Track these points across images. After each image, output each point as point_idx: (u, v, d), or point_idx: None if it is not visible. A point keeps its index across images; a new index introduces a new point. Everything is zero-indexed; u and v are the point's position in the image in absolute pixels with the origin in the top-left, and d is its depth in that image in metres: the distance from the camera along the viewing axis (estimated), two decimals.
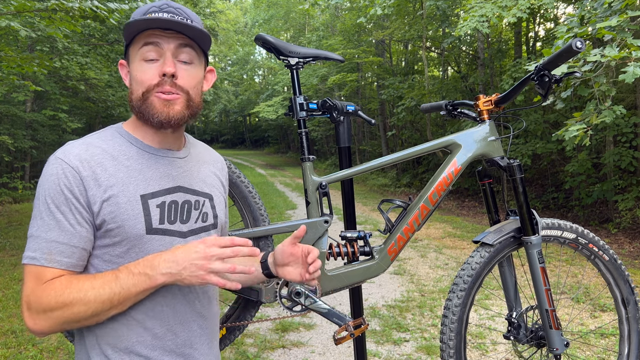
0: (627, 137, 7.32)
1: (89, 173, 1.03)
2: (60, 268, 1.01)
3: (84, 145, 1.06)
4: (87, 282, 1.00)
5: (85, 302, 0.98)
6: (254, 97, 33.90)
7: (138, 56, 1.08)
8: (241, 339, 3.42)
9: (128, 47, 1.11)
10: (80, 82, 10.75)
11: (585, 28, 4.11)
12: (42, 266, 1.00)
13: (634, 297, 1.83)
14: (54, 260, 1.00)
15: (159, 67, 1.06)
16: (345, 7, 17.26)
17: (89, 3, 4.80)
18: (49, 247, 1.00)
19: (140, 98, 1.07)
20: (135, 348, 1.07)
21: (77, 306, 0.97)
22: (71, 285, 0.99)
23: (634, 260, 5.82)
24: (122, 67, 1.15)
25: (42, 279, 0.99)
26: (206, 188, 1.21)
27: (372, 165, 1.68)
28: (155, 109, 1.06)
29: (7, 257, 5.86)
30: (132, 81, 1.10)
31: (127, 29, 1.06)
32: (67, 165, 1.02)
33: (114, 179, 1.04)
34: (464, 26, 6.98)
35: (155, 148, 1.13)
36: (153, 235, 1.07)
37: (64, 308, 0.97)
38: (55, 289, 0.98)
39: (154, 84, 1.06)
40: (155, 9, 1.08)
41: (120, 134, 1.12)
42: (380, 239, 1.69)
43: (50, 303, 0.97)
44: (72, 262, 1.02)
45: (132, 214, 1.04)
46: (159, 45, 1.07)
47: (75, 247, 1.02)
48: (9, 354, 3.21)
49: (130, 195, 1.05)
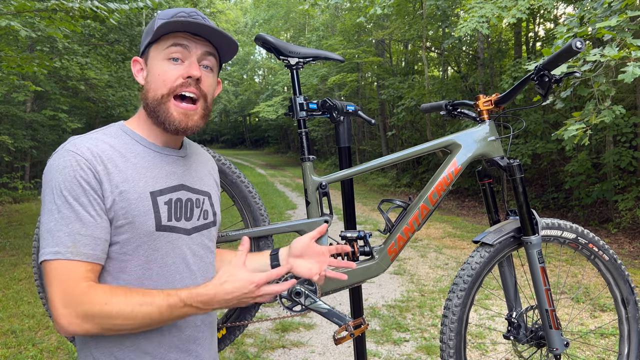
0: (627, 137, 7.32)
1: (102, 167, 1.02)
2: (87, 261, 0.99)
3: (93, 140, 1.06)
4: (137, 297, 0.99)
5: (131, 317, 0.97)
6: (254, 97, 33.90)
7: (162, 55, 1.09)
8: (241, 339, 3.42)
9: (149, 45, 1.11)
10: (80, 82, 10.75)
11: (585, 28, 4.12)
12: (68, 260, 0.97)
13: (634, 297, 1.83)
14: (79, 252, 0.98)
15: (184, 68, 1.09)
16: (345, 7, 17.26)
17: (89, 3, 4.80)
18: (73, 240, 0.98)
19: (158, 99, 1.08)
20: (142, 345, 1.07)
21: (120, 319, 0.97)
22: (117, 297, 0.98)
23: (634, 260, 5.82)
24: (135, 64, 1.15)
25: (72, 274, 0.97)
26: (205, 186, 1.23)
27: (372, 165, 1.68)
28: (172, 116, 1.08)
29: (7, 257, 5.86)
30: (150, 78, 1.11)
31: (161, 27, 1.06)
32: (80, 157, 1.01)
33: (124, 175, 1.05)
34: (464, 27, 6.98)
35: (159, 146, 1.14)
36: (162, 232, 1.08)
37: (106, 318, 0.97)
38: (99, 294, 0.97)
39: (176, 85, 1.08)
40: (184, 15, 1.10)
41: (125, 131, 1.12)
42: (380, 239, 1.69)
43: (93, 309, 0.96)
44: (97, 255, 1.00)
45: (143, 210, 1.05)
46: (187, 48, 1.09)
47: (99, 239, 1.00)
48: (9, 354, 3.21)
49: (141, 191, 1.06)
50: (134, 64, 1.16)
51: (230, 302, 1.04)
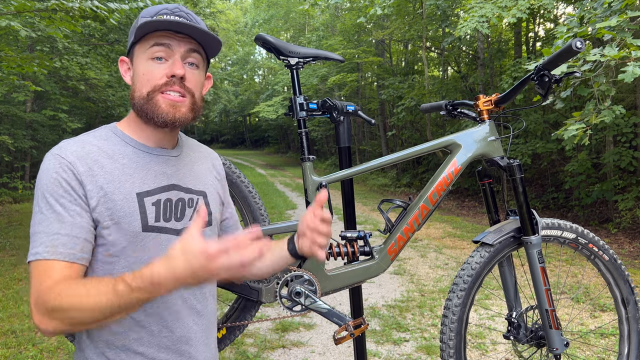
0: (627, 137, 7.32)
1: (86, 169, 1.03)
2: (64, 260, 0.98)
3: (80, 143, 1.07)
4: (81, 288, 0.95)
5: (80, 308, 0.94)
6: (254, 97, 33.91)
7: (146, 55, 1.08)
8: (241, 339, 3.42)
9: (134, 45, 1.11)
10: (80, 82, 10.75)
11: (585, 28, 4.12)
12: (45, 260, 0.98)
13: (634, 297, 1.83)
14: (56, 252, 0.98)
15: (168, 67, 1.08)
16: (345, 7, 17.26)
17: (89, 3, 4.80)
18: (51, 241, 0.98)
19: (144, 97, 1.08)
20: (132, 346, 1.07)
21: (73, 312, 0.94)
22: (70, 289, 0.96)
23: (634, 260, 5.82)
24: (122, 64, 1.15)
25: (47, 273, 0.97)
26: (200, 185, 1.21)
27: (372, 165, 1.68)
28: (160, 108, 1.07)
29: (7, 257, 5.86)
30: (135, 79, 1.11)
31: (141, 28, 1.06)
32: (64, 160, 1.02)
33: (110, 176, 1.05)
34: (464, 26, 6.99)
35: (150, 147, 1.13)
36: (149, 232, 1.07)
37: (62, 312, 0.95)
38: (57, 290, 0.96)
39: (161, 83, 1.08)
40: (167, 12, 1.09)
41: (115, 133, 1.12)
42: (380, 239, 1.69)
43: (52, 304, 0.95)
44: (75, 254, 1.00)
45: (128, 211, 1.05)
46: (169, 47, 1.08)
47: (77, 238, 1.00)
48: (9, 354, 3.21)
49: (126, 192, 1.05)
50: (121, 64, 1.16)
51: (184, 280, 0.89)
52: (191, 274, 0.89)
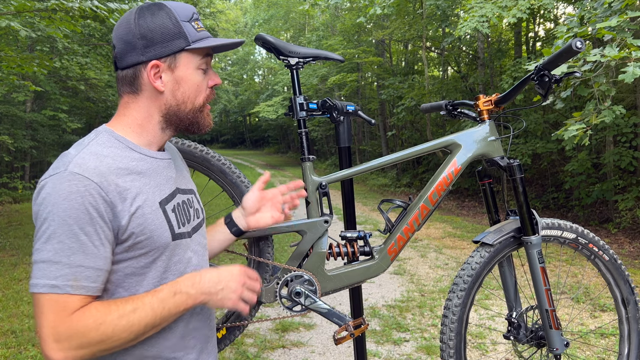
0: (627, 137, 7.32)
1: (113, 187, 0.95)
2: (87, 294, 0.93)
3: (96, 157, 0.97)
4: (127, 305, 0.94)
5: (128, 327, 0.93)
6: (254, 97, 33.89)
7: (196, 64, 1.09)
8: (241, 339, 3.42)
9: (179, 52, 1.06)
10: (80, 82, 10.76)
11: (585, 28, 4.12)
12: (67, 294, 0.90)
13: (634, 297, 1.83)
14: (80, 287, 0.91)
15: (212, 79, 1.14)
16: (345, 7, 17.25)
17: (89, 3, 4.80)
18: (74, 273, 0.91)
19: (198, 107, 1.11)
20: (164, 353, 1.06)
21: (120, 333, 0.92)
22: (111, 312, 0.93)
23: (634, 260, 5.82)
24: (154, 69, 1.04)
25: (67, 308, 0.90)
26: (189, 184, 1.22)
27: (372, 165, 1.68)
28: (208, 118, 1.14)
29: (7, 257, 5.86)
30: (185, 87, 1.08)
31: (213, 49, 1.11)
32: (89, 181, 0.92)
33: (135, 189, 1.00)
34: (464, 26, 6.99)
35: (151, 151, 1.09)
36: (178, 240, 1.07)
37: (106, 340, 0.92)
38: (93, 317, 0.92)
39: (208, 94, 1.13)
40: (196, 16, 1.12)
41: (117, 139, 1.04)
42: (380, 239, 1.69)
43: (89, 334, 0.91)
44: (98, 287, 0.95)
45: (158, 223, 1.02)
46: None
47: (100, 270, 0.94)
48: (9, 354, 3.21)
49: (152, 203, 1.02)
50: (154, 69, 1.04)
51: (221, 283, 1.07)
52: (226, 287, 1.07)
